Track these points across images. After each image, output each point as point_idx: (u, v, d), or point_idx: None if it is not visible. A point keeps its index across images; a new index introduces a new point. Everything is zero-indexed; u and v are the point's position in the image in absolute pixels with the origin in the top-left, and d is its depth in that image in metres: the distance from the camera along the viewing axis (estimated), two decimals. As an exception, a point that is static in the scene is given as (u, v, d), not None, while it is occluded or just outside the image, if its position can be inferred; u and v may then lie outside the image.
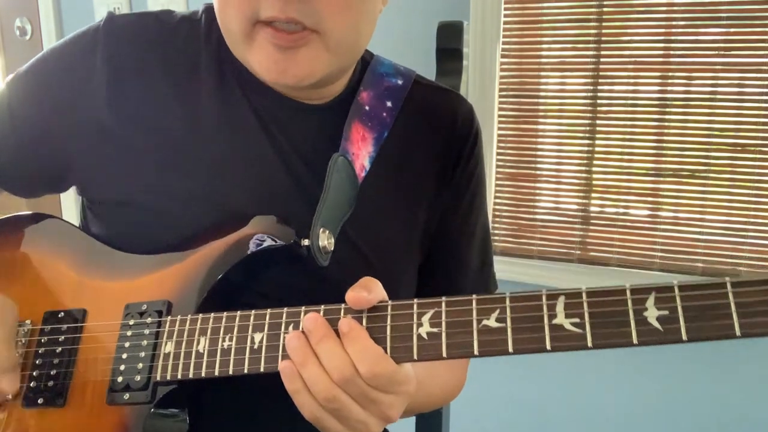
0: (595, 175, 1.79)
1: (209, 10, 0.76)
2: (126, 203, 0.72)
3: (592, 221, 1.81)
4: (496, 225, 1.92)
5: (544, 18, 1.78)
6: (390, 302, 0.59)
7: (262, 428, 0.75)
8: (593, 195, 1.80)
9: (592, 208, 1.81)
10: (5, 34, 2.62)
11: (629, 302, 0.51)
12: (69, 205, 2.56)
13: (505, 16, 1.81)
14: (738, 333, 0.47)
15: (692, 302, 0.49)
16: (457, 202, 0.82)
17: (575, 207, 1.83)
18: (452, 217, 0.82)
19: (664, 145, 1.70)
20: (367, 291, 0.59)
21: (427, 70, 0.93)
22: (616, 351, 1.77)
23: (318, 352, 0.58)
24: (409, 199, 0.78)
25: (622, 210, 1.77)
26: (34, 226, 0.79)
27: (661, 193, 1.72)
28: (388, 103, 0.78)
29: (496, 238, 1.92)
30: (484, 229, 0.86)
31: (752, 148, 1.62)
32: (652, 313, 0.50)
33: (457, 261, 0.83)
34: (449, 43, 1.25)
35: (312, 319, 0.59)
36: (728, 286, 0.48)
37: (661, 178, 1.72)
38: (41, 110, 0.74)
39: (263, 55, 0.66)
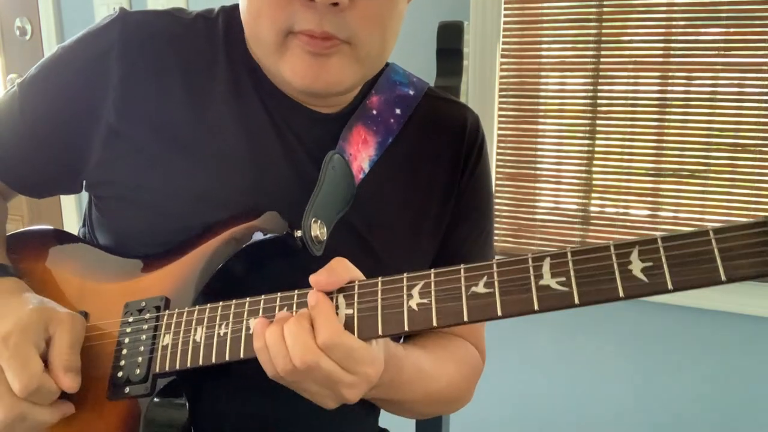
0: (595, 175, 1.79)
1: (227, 11, 0.77)
2: (133, 201, 0.73)
3: (592, 221, 1.81)
4: (496, 225, 1.91)
5: (544, 18, 1.78)
6: (380, 278, 0.60)
7: (261, 417, 0.75)
8: (593, 195, 1.80)
9: (592, 208, 1.81)
10: (5, 34, 2.62)
11: (613, 257, 0.52)
12: (69, 206, 2.56)
13: (505, 16, 1.81)
14: (723, 278, 0.48)
15: (676, 251, 0.50)
16: (465, 209, 0.82)
17: (575, 207, 1.83)
18: (461, 225, 0.82)
19: (664, 145, 1.70)
20: (328, 273, 0.59)
21: (427, 70, 0.94)
22: (621, 347, 1.78)
23: (284, 330, 0.58)
24: (414, 205, 0.79)
25: (622, 210, 1.77)
26: (44, 239, 0.81)
27: (661, 193, 1.72)
28: (397, 111, 0.79)
29: (496, 238, 1.91)
30: (490, 237, 0.87)
31: (752, 148, 1.62)
32: (636, 266, 0.51)
33: None
34: (449, 43, 1.26)
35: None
36: (711, 233, 0.49)
37: (661, 178, 1.72)
38: (54, 111, 0.74)
39: (296, 62, 0.67)
